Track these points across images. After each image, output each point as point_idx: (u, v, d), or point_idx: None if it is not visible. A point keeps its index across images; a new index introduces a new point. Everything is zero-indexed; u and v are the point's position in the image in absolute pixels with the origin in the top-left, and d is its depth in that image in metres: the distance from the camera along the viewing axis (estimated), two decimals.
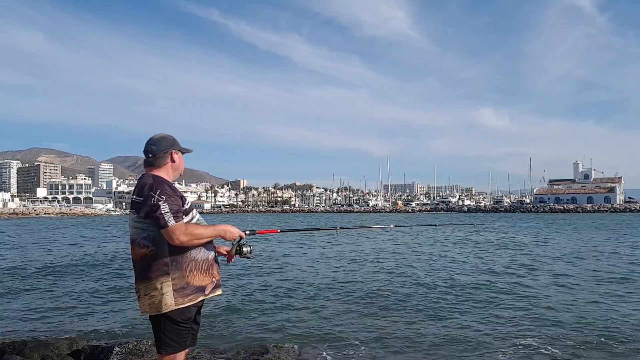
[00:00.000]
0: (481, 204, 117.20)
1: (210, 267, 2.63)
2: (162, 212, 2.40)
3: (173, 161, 2.69)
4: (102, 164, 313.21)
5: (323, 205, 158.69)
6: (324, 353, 5.00)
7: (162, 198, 2.42)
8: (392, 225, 4.65)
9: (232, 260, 2.85)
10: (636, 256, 13.66)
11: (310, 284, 9.35)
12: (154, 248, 2.47)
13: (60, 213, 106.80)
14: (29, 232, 33.00)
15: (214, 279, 2.65)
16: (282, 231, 3.44)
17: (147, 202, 2.43)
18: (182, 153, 2.77)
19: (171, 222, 2.40)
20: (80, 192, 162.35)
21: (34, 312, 7.03)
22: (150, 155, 2.63)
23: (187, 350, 2.66)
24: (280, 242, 19.39)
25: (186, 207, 2.57)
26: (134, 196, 2.51)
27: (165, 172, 2.64)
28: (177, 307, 2.49)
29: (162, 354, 2.58)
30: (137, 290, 2.56)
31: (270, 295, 8.14)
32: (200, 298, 2.59)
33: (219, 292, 2.69)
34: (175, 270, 2.49)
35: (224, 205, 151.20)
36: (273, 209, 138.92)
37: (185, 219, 2.52)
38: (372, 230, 25.30)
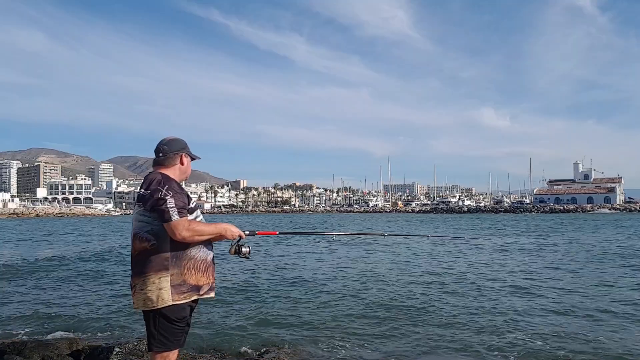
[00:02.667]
0: (481, 204, 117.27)
1: (208, 268, 2.67)
2: (168, 206, 2.46)
3: (182, 163, 2.76)
4: (102, 164, 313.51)
5: (323, 205, 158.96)
6: (325, 353, 5.00)
7: (170, 193, 2.49)
8: (385, 234, 4.77)
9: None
10: None
11: (310, 284, 9.35)
12: (156, 242, 2.51)
13: (60, 213, 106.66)
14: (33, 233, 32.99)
15: (209, 281, 2.68)
16: (280, 233, 3.48)
17: (155, 195, 2.49)
18: (192, 159, 2.84)
19: (175, 216, 2.46)
20: (80, 193, 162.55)
21: (35, 313, 7.02)
22: (160, 155, 2.71)
23: (178, 350, 2.66)
24: (278, 243, 19.38)
25: (191, 205, 2.63)
26: (142, 190, 2.57)
27: (172, 173, 2.70)
28: (173, 303, 2.51)
29: (154, 352, 2.58)
30: (133, 285, 2.58)
31: (270, 296, 8.13)
32: (195, 297, 2.61)
33: (212, 294, 2.72)
34: (174, 266, 2.53)
35: (224, 206, 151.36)
36: (273, 209, 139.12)
37: (190, 217, 2.58)
38: (374, 231, 25.21)
